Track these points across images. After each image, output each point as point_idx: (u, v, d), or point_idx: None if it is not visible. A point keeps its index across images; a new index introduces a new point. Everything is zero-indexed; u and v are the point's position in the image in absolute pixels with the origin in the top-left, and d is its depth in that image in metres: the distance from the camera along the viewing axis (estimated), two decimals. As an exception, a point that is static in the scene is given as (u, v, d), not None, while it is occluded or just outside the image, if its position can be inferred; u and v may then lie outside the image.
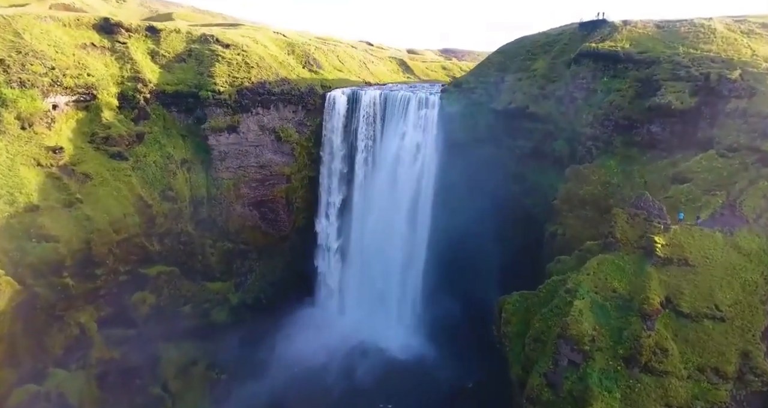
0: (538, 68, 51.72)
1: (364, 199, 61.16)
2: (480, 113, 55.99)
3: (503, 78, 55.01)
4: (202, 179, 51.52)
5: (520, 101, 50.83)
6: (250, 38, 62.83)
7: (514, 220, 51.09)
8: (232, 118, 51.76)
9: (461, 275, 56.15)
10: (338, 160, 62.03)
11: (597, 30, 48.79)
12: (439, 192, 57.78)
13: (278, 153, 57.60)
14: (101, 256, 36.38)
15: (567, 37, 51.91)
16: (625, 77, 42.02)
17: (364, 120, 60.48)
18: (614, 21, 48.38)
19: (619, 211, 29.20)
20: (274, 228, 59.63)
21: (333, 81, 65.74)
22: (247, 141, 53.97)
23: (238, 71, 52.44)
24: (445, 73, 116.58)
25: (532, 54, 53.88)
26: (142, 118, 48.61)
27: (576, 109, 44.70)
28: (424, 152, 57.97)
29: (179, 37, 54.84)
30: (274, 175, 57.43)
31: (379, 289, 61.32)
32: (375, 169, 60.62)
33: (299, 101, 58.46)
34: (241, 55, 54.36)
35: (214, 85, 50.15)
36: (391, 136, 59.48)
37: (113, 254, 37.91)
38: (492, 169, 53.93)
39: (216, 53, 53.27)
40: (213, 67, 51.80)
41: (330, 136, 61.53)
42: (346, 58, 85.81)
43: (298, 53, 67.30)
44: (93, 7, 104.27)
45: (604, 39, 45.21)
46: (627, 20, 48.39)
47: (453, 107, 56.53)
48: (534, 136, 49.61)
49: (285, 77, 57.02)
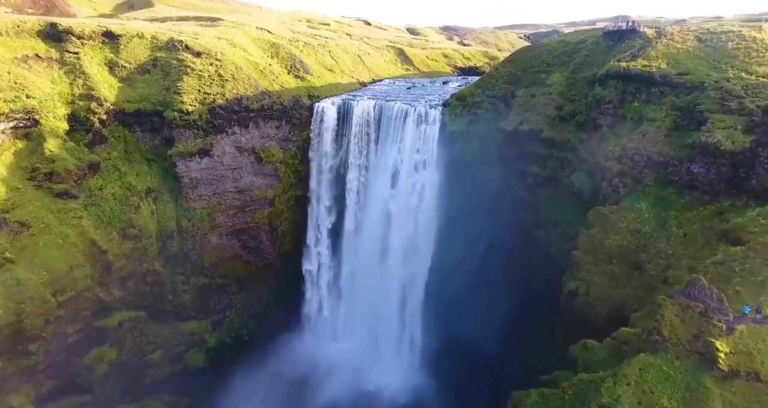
0: (554, 83, 45.07)
1: (357, 222, 55.23)
2: (487, 132, 49.56)
3: (513, 92, 48.37)
4: (170, 210, 45.34)
5: (533, 123, 44.39)
6: (227, 41, 55.65)
7: (525, 255, 45.38)
8: (204, 141, 45.25)
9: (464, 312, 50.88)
10: (328, 180, 55.81)
11: (625, 41, 42.06)
12: (440, 217, 51.92)
13: (259, 175, 51.26)
14: (36, 328, 30.52)
15: (589, 48, 45.12)
16: (661, 104, 35.59)
17: (356, 135, 54.04)
18: (645, 30, 41.57)
19: (667, 300, 23.35)
20: (257, 256, 53.75)
21: (322, 88, 58.89)
22: (222, 165, 47.57)
23: (210, 86, 45.60)
24: (446, 61, 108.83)
25: (547, 65, 47.12)
26: (98, 142, 42.11)
27: (600, 138, 38.39)
28: (424, 173, 51.85)
29: (143, 44, 47.74)
30: (254, 200, 51.22)
31: (374, 321, 56.11)
32: (369, 191, 54.48)
33: (282, 116, 51.80)
34: (215, 65, 47.38)
35: (182, 103, 43.42)
36: (387, 154, 53.19)
37: (54, 321, 32.13)
38: (500, 194, 47.99)
39: (185, 64, 46.29)
40: (181, 81, 44.94)
41: (318, 152, 55.14)
42: (338, 53, 78.68)
43: (282, 56, 60.18)
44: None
45: (635, 55, 38.52)
46: (661, 30, 41.58)
47: (456, 124, 50.10)
48: (549, 163, 43.40)
49: (266, 89, 50.19)
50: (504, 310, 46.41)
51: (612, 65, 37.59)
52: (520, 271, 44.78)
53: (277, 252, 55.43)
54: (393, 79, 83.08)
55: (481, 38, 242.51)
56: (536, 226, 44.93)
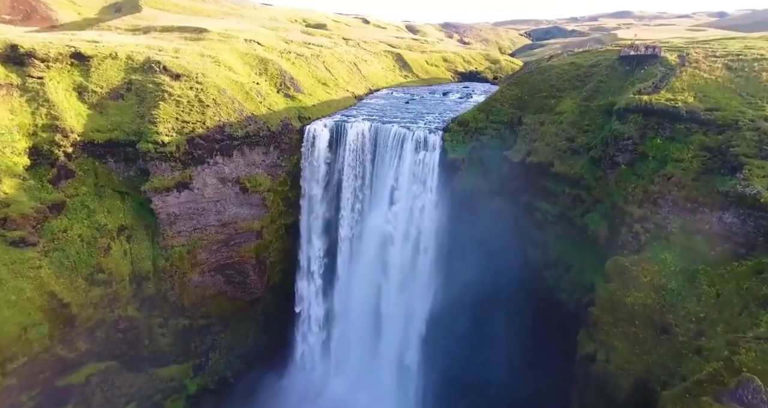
0: (565, 111, 41.36)
1: (351, 254, 51.50)
2: (491, 160, 45.83)
3: (520, 119, 44.62)
4: (146, 249, 41.41)
5: (543, 155, 40.66)
6: (210, 59, 51.64)
7: (533, 299, 41.68)
8: (182, 174, 41.31)
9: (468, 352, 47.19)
10: (320, 209, 52.05)
11: (644, 67, 38.35)
12: (440, 250, 48.29)
13: (245, 206, 47.40)
14: (-23, 410, 26.85)
15: (603, 72, 41.38)
16: (687, 142, 31.93)
17: (350, 160, 50.27)
18: (667, 56, 37.87)
19: (713, 404, 19.68)
20: (244, 291, 49.98)
21: (313, 108, 54.99)
22: (203, 198, 43.66)
23: (189, 113, 41.63)
24: (446, 66, 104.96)
25: (556, 90, 43.38)
26: (64, 177, 38.14)
27: (618, 177, 34.70)
28: (423, 202, 48.12)
29: (116, 66, 43.70)
30: (240, 232, 47.37)
31: (371, 359, 52.40)
32: (364, 221, 50.72)
33: (270, 141, 47.90)
34: (195, 89, 43.40)
35: (157, 134, 39.44)
36: (384, 181, 49.43)
37: (3, 392, 28.35)
38: (505, 228, 44.23)
39: (162, 88, 42.28)
40: (157, 108, 40.95)
41: (309, 179, 51.32)
42: (333, 64, 74.81)
43: (271, 72, 56.25)
44: None
45: (657, 85, 34.84)
46: (684, 55, 37.90)
47: (457, 152, 46.35)
48: (560, 200, 39.70)
49: (251, 114, 46.25)
50: (511, 354, 42.83)
51: (632, 99, 33.84)
52: (528, 316, 41.12)
53: (265, 285, 51.69)
54: (391, 89, 79.49)
55: (482, 36, 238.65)
56: (545, 266, 41.25)
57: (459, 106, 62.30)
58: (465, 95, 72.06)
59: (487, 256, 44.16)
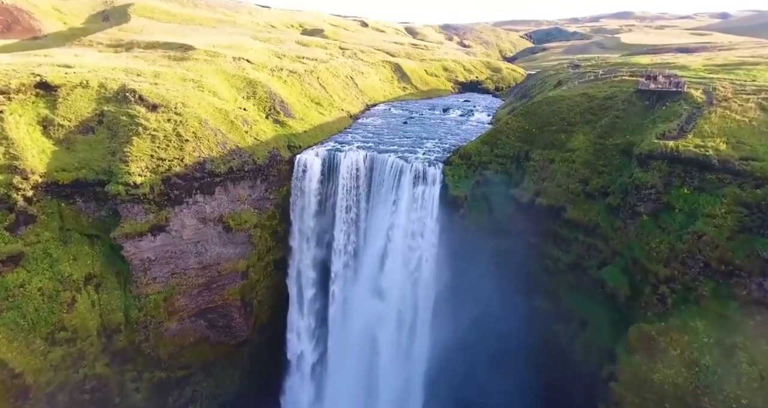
0: (577, 148, 37.82)
1: (345, 298, 47.76)
2: (495, 197, 42.24)
3: (527, 153, 41.06)
4: (117, 299, 37.59)
5: (553, 197, 37.10)
6: (193, 83, 47.93)
7: (543, 356, 38.04)
8: (158, 216, 37.54)
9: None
10: (311, 246, 48.26)
11: (666, 102, 34.87)
12: (440, 293, 44.60)
13: (229, 245, 43.62)
14: None
15: (619, 106, 37.86)
16: (720, 195, 28.40)
17: (343, 194, 46.60)
18: (691, 92, 34.40)
19: None
20: (228, 335, 46.14)
21: (305, 134, 51.21)
22: (182, 240, 39.89)
23: (166, 149, 37.89)
24: (446, 76, 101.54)
25: (567, 124, 39.84)
26: (24, 223, 34.31)
27: (639, 230, 31.13)
28: (422, 241, 44.44)
29: (87, 95, 39.96)
30: (224, 274, 43.56)
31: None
32: (358, 260, 47.01)
33: (257, 174, 44.18)
34: (173, 121, 39.66)
35: (129, 174, 35.64)
36: (380, 218, 45.73)
37: None
38: (511, 272, 40.50)
39: (137, 121, 38.55)
40: (130, 143, 37.18)
41: (299, 214, 47.59)
42: (327, 79, 71.31)
43: (260, 96, 52.55)
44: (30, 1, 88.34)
45: (684, 128, 31.34)
46: (710, 91, 34.43)
47: (459, 188, 42.71)
48: (573, 248, 36.12)
49: (236, 146, 42.52)
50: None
51: (656, 144, 30.29)
52: (538, 377, 37.51)
53: (252, 327, 47.83)
54: (389, 104, 76.23)
55: (482, 38, 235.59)
56: (556, 319, 37.62)
57: (460, 127, 59.06)
58: (466, 112, 69.00)
59: (491, 302, 40.49)
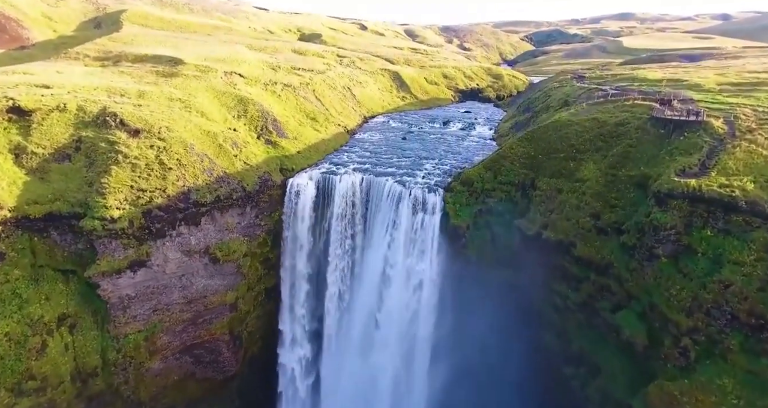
0: (587, 179, 35.40)
1: (340, 328, 45.23)
2: (499, 227, 39.83)
3: (533, 181, 38.65)
4: (93, 340, 34.95)
5: (562, 231, 34.67)
6: (180, 103, 45.38)
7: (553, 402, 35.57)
8: (138, 251, 34.97)
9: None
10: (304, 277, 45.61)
11: (684, 132, 32.47)
12: (441, 331, 42.18)
13: (216, 276, 41.04)
14: None
15: (632, 133, 35.46)
16: (748, 240, 26.00)
17: (338, 221, 44.15)
18: (711, 121, 32.02)
19: None
20: (216, 370, 43.52)
21: (298, 155, 48.63)
22: (164, 274, 37.30)
23: (148, 179, 35.33)
24: (446, 83, 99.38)
25: (576, 151, 37.45)
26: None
27: (657, 273, 28.68)
28: (421, 272, 42.02)
29: (64, 120, 37.42)
30: (211, 307, 40.98)
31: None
32: (354, 292, 44.54)
33: (246, 201, 41.65)
34: (156, 148, 37.11)
35: (105, 208, 33.07)
36: (377, 247, 43.37)
37: None
38: (517, 306, 38.17)
39: (117, 148, 35.98)
40: (108, 173, 34.60)
41: (291, 243, 45.05)
42: (324, 92, 69.01)
43: (252, 114, 50.03)
44: (20, 9, 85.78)
45: (705, 164, 28.96)
46: (731, 118, 32.08)
47: (461, 217, 40.26)
48: (584, 286, 33.66)
49: (224, 172, 39.96)
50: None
51: (677, 184, 27.87)
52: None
53: (241, 360, 45.27)
54: (387, 115, 74.22)
55: (482, 40, 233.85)
56: (566, 361, 35.12)
57: (461, 143, 56.86)
58: (467, 125, 67.13)
59: (495, 338, 38.11)
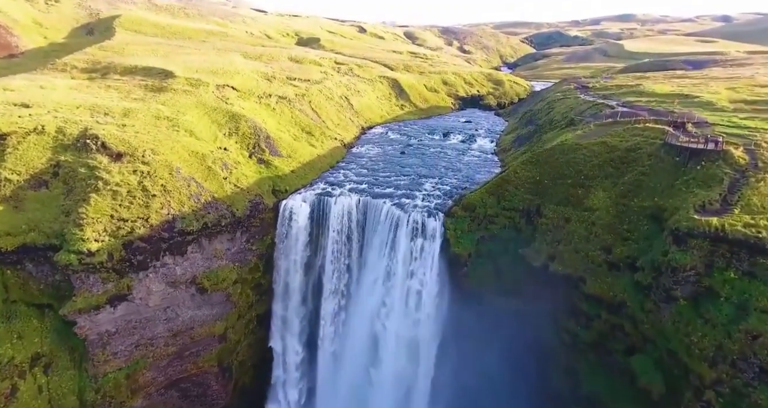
0: (597, 208, 33.30)
1: (335, 358, 43.05)
2: (503, 256, 37.70)
3: (539, 208, 36.53)
4: (70, 381, 32.68)
5: (570, 264, 32.57)
6: (167, 122, 43.22)
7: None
8: (118, 285, 32.74)
9: None
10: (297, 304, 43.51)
11: (701, 161, 30.41)
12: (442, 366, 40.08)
13: (204, 306, 38.82)
14: None
15: (644, 160, 33.38)
16: (776, 285, 24.01)
17: (333, 247, 42.08)
18: (731, 150, 29.96)
19: None
20: (204, 404, 41.30)
21: (292, 175, 46.38)
22: (148, 307, 35.06)
23: (129, 207, 33.12)
24: (446, 91, 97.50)
25: (584, 177, 35.35)
26: (-41, 300, 29.55)
27: (676, 317, 26.57)
28: (420, 301, 39.91)
29: (42, 143, 35.22)
30: (198, 339, 38.73)
31: None
32: (349, 323, 42.36)
33: (236, 227, 39.45)
34: (139, 173, 34.90)
35: (82, 241, 30.80)
36: (373, 273, 41.26)
37: None
38: (523, 340, 36.05)
39: (97, 174, 33.76)
40: (87, 202, 32.37)
41: (284, 269, 42.86)
42: (320, 103, 67.05)
43: (244, 132, 47.85)
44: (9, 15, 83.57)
45: (728, 200, 26.90)
46: (752, 147, 30.03)
47: (462, 244, 38.16)
48: (595, 325, 31.55)
49: (212, 197, 37.77)
50: None
51: (697, 222, 25.77)
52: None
53: (231, 393, 43.04)
54: (386, 126, 72.53)
55: (482, 42, 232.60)
56: (576, 403, 32.99)
57: (462, 159, 55.22)
58: (467, 137, 65.62)
59: (499, 376, 36.02)
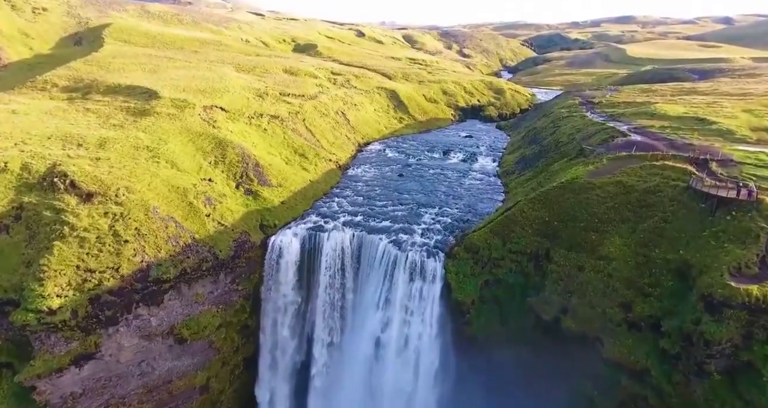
0: (613, 257, 30.21)
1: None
2: (510, 303, 34.67)
3: (549, 253, 33.43)
4: (29, 450, 29.44)
5: (585, 321, 29.47)
6: (147, 152, 40.01)
7: None
8: (84, 343, 29.48)
9: None
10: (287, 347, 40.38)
11: (732, 211, 27.39)
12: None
13: (184, 356, 35.59)
14: None
15: (666, 205, 30.36)
16: (826, 366, 21.04)
17: (325, 288, 38.99)
18: (766, 200, 26.99)
19: None
20: (184, 459, 38.12)
21: (282, 207, 43.21)
22: (119, 363, 31.80)
23: (98, 256, 29.89)
24: (446, 101, 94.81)
25: (598, 221, 32.28)
26: None
27: (709, 394, 23.45)
28: (419, 349, 36.85)
29: (4, 182, 31.95)
30: (177, 394, 35.48)
31: None
32: (342, 372, 39.18)
33: (220, 268, 36.32)
34: (110, 215, 31.70)
35: (42, 298, 27.61)
36: (368, 316, 38.18)
37: None
38: (534, 396, 32.95)
39: (63, 218, 30.56)
40: (50, 251, 29.13)
41: (273, 312, 39.71)
42: (315, 120, 64.33)
43: (231, 159, 44.80)
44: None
45: (766, 259, 23.95)
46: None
47: (465, 290, 35.12)
48: (614, 392, 28.37)
49: (193, 239, 34.56)
50: None
51: (734, 291, 22.76)
52: None
53: (215, 442, 39.82)
54: (383, 142, 69.67)
55: (482, 46, 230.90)
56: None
57: (463, 183, 52.93)
58: (468, 156, 63.32)
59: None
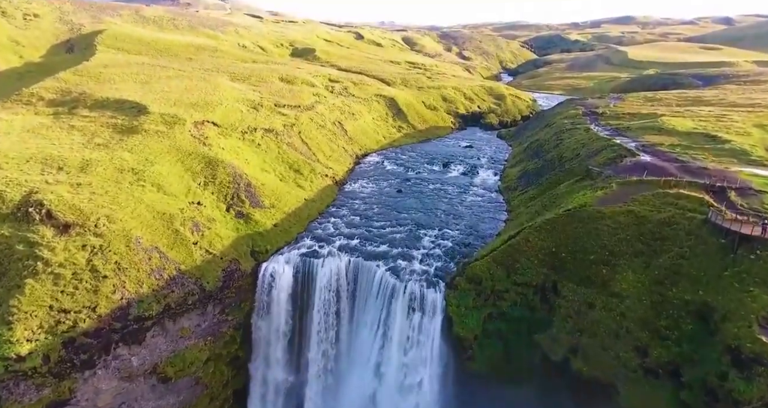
0: (627, 295, 28.23)
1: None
2: (514, 338, 32.65)
3: (555, 286, 31.43)
4: None
5: (598, 365, 27.47)
6: (132, 175, 37.96)
7: None
8: (57, 389, 27.34)
9: None
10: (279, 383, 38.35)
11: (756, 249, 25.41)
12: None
13: (169, 395, 33.47)
14: None
15: (683, 239, 28.34)
16: None
17: (319, 319, 37.01)
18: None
19: None
20: None
21: (275, 230, 41.26)
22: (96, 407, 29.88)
23: (73, 295, 27.83)
24: (446, 108, 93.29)
25: (609, 254, 30.26)
26: None
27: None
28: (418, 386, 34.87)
29: (-25, 212, 30.04)
30: (160, 434, 33.54)
31: None
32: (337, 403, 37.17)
33: (208, 301, 34.29)
34: (89, 248, 29.61)
35: (10, 343, 25.50)
36: (364, 353, 36.25)
37: None
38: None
39: (37, 252, 28.47)
40: (21, 290, 27.08)
41: (264, 343, 37.71)
42: (311, 133, 62.66)
43: (222, 180, 42.83)
44: None
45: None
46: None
47: (467, 324, 33.15)
48: (626, 442, 26.54)
49: (178, 270, 32.47)
50: None
51: (764, 347, 20.82)
52: None
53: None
54: (382, 153, 67.94)
55: (482, 47, 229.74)
56: None
57: (464, 199, 50.95)
58: (469, 169, 61.73)
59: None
